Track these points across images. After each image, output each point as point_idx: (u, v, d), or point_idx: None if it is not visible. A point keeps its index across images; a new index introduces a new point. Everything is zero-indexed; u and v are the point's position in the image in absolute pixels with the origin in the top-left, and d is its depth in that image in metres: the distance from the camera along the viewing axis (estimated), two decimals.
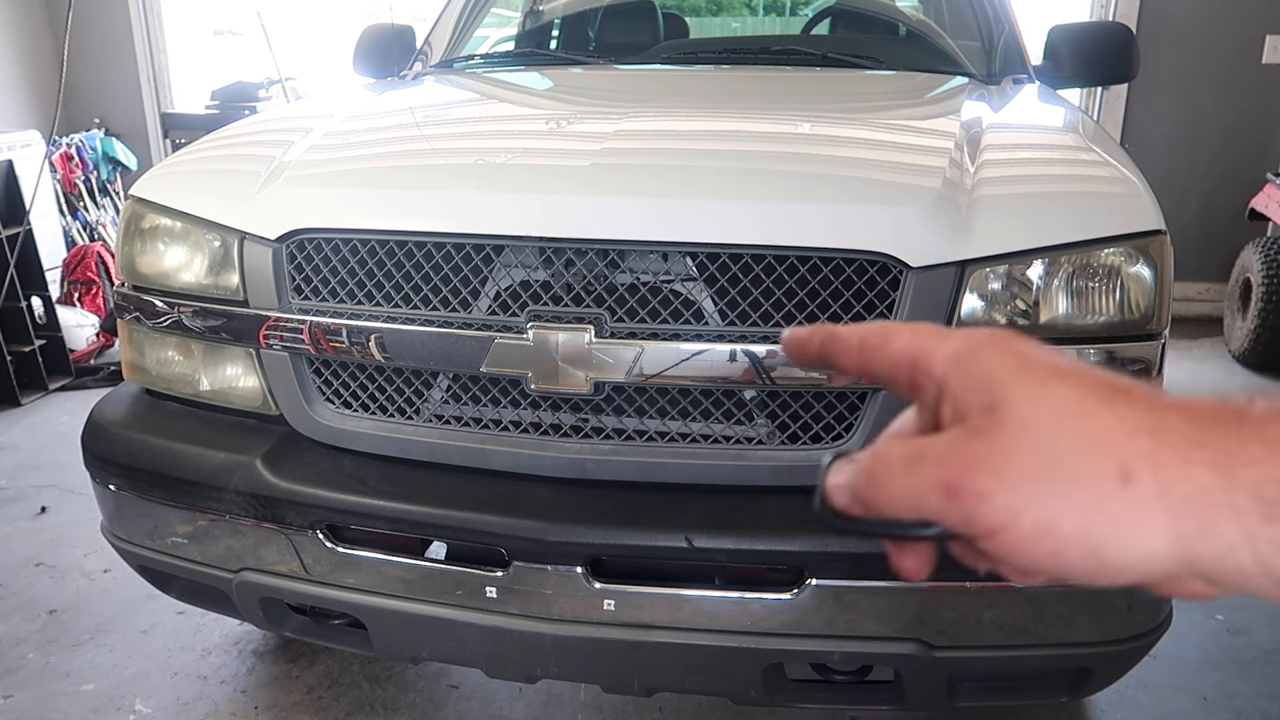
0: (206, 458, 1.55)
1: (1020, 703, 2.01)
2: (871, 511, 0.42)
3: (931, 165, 1.53)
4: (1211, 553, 0.37)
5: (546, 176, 1.53)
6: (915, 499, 0.40)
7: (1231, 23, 4.96)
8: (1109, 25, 2.71)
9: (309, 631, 1.66)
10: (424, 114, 2.13)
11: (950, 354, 0.42)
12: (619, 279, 1.42)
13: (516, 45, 3.16)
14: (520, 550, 1.38)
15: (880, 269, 1.36)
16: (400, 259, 1.47)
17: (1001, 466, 0.39)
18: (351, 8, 6.88)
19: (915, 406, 0.46)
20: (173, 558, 1.62)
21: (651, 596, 1.38)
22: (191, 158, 1.82)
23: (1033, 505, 0.38)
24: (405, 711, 2.10)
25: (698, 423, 1.44)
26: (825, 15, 3.39)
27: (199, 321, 1.60)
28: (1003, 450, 0.39)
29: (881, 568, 1.32)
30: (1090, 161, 1.67)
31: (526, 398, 1.47)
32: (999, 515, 0.38)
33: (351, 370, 1.55)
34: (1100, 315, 1.39)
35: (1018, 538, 0.38)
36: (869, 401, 1.40)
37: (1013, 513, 0.38)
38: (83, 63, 5.46)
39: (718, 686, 1.50)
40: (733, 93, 2.25)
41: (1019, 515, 0.38)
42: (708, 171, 1.54)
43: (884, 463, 0.42)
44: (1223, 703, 2.11)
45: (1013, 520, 0.38)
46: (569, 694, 2.14)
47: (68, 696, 2.15)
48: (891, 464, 0.42)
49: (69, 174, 5.35)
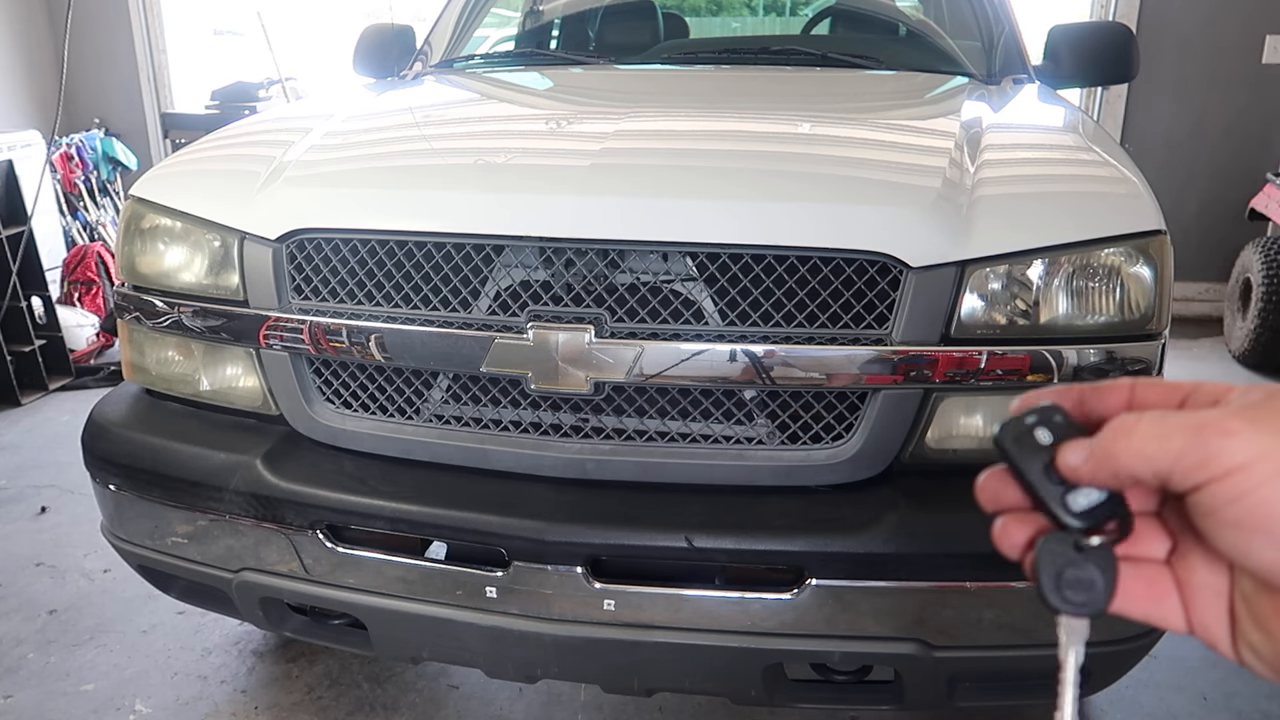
0: (206, 458, 1.55)
1: (1020, 703, 2.01)
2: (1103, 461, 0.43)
3: (931, 165, 1.53)
4: None
5: (546, 176, 1.53)
6: (1157, 439, 0.42)
7: (1231, 23, 4.96)
8: (1109, 25, 2.70)
9: (309, 631, 1.66)
10: (424, 114, 2.13)
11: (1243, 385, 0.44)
12: (619, 279, 1.42)
13: (516, 45, 3.16)
14: (520, 550, 1.38)
15: (880, 269, 1.36)
16: (400, 259, 1.47)
17: (1257, 418, 0.40)
18: (351, 8, 6.89)
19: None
20: (173, 558, 1.62)
21: (651, 596, 1.38)
22: (191, 158, 1.82)
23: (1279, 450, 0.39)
24: (405, 711, 2.10)
25: (698, 423, 1.44)
26: (825, 15, 3.39)
27: (199, 321, 1.60)
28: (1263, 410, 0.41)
29: (881, 568, 1.33)
30: (1090, 161, 1.67)
31: (526, 398, 1.47)
32: (1243, 452, 0.39)
33: (351, 370, 1.55)
34: (1100, 315, 1.39)
35: (1253, 480, 0.39)
36: (869, 402, 1.40)
37: (1260, 451, 0.39)
38: (83, 63, 5.47)
39: (717, 686, 1.50)
40: (733, 93, 2.25)
41: (1265, 455, 0.39)
42: (708, 172, 1.54)
43: (1132, 416, 0.43)
44: (1223, 703, 2.11)
45: (1256, 459, 0.39)
46: (569, 694, 2.14)
47: (68, 696, 2.15)
48: (1141, 416, 0.43)
49: (69, 174, 5.35)
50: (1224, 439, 0.40)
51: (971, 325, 1.38)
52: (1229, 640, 0.45)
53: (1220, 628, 0.45)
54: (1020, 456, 0.46)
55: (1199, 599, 0.46)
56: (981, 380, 1.37)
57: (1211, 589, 0.45)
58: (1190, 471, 0.41)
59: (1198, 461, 0.40)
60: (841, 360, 1.36)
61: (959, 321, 1.37)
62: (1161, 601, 0.46)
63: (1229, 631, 0.45)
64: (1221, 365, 4.50)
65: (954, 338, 1.37)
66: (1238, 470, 0.40)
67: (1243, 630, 0.45)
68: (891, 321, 1.36)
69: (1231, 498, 0.40)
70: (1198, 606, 0.46)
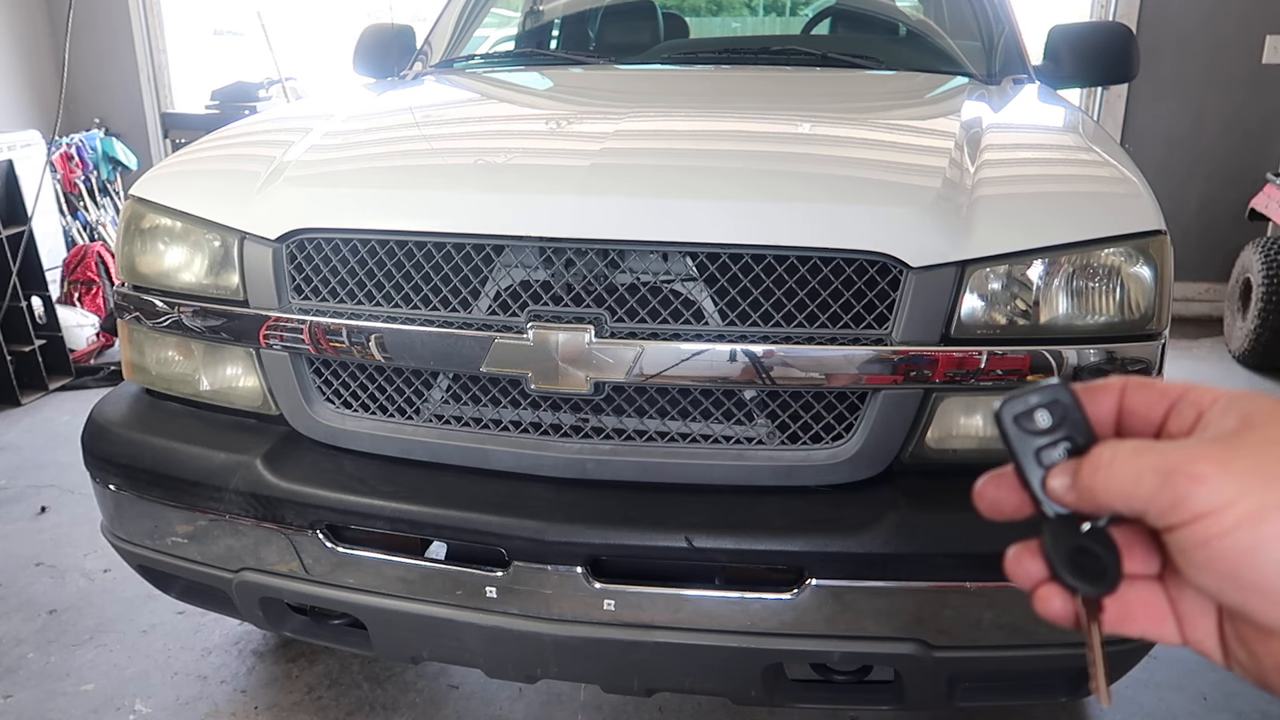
0: (206, 458, 1.55)
1: (1020, 703, 2.01)
2: (1084, 494, 0.44)
3: (931, 165, 1.53)
4: None
5: (546, 176, 1.53)
6: (1131, 480, 0.42)
7: (1231, 23, 4.96)
8: (1109, 25, 2.70)
9: (309, 631, 1.66)
10: (424, 114, 2.13)
11: (1228, 393, 0.45)
12: (619, 279, 1.42)
13: (516, 45, 3.16)
14: (520, 550, 1.38)
15: (880, 269, 1.36)
16: (400, 259, 1.47)
17: (1226, 460, 0.40)
18: (351, 8, 6.89)
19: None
20: (173, 558, 1.62)
21: (651, 596, 1.38)
22: (191, 158, 1.82)
23: (1247, 497, 0.39)
24: (405, 711, 2.10)
25: (698, 423, 1.44)
26: (825, 15, 3.39)
27: (199, 321, 1.60)
28: (1232, 450, 0.41)
29: (881, 568, 1.33)
30: (1090, 161, 1.67)
31: (526, 398, 1.47)
32: (1210, 500, 0.40)
33: (351, 370, 1.55)
34: (1100, 315, 1.39)
35: (1220, 526, 0.40)
36: (869, 402, 1.40)
37: (1225, 500, 0.40)
38: (83, 63, 5.47)
39: (717, 686, 1.50)
40: (733, 93, 2.25)
41: (1230, 504, 0.40)
42: (708, 172, 1.54)
43: (1109, 449, 0.44)
44: (1223, 703, 2.11)
45: (1222, 507, 0.40)
46: (569, 694, 2.14)
47: (68, 696, 2.15)
48: (1117, 451, 0.44)
49: (69, 174, 5.35)
50: (1191, 485, 0.40)
51: (971, 325, 1.38)
52: (1220, 653, 0.46)
53: (1211, 642, 0.46)
54: (1016, 436, 0.46)
55: (1189, 615, 0.46)
56: (981, 380, 1.37)
57: (1200, 606, 0.46)
58: (1162, 514, 0.41)
59: (1167, 505, 0.41)
60: (841, 360, 1.36)
61: (959, 321, 1.37)
62: (1157, 618, 0.47)
63: (1219, 645, 0.46)
64: (1221, 365, 4.50)
65: (954, 338, 1.37)
66: (1205, 516, 0.40)
67: (1230, 647, 0.45)
68: (891, 321, 1.36)
69: (1199, 543, 0.41)
70: (1189, 622, 0.47)
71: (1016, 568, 0.48)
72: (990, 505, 0.49)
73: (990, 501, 0.49)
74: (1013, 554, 0.48)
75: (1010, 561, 0.48)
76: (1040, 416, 0.46)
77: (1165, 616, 0.47)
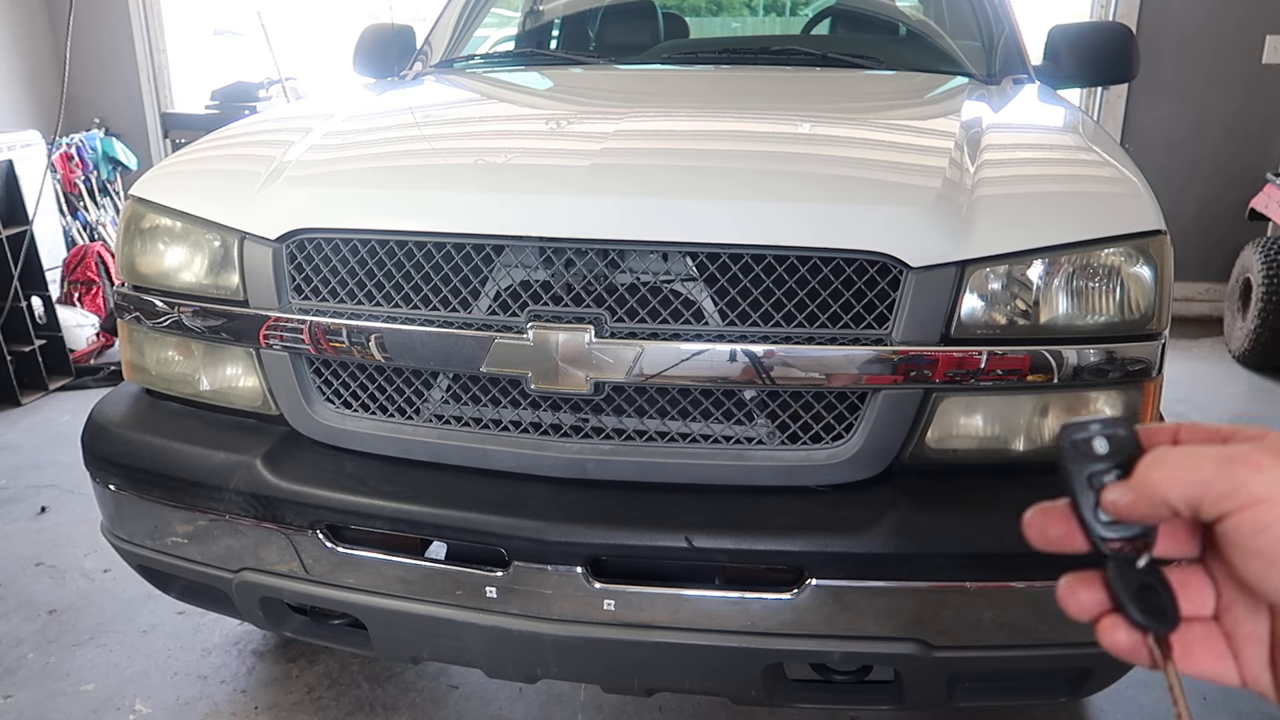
0: (206, 458, 1.55)
1: (1020, 703, 2.01)
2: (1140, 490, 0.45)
3: (931, 165, 1.53)
4: None
5: (546, 176, 1.53)
6: (1189, 467, 0.44)
7: (1231, 23, 4.96)
8: (1109, 25, 2.70)
9: (309, 631, 1.66)
10: (424, 114, 2.13)
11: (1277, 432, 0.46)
12: (619, 279, 1.42)
13: (516, 45, 3.16)
14: (520, 550, 1.38)
15: (880, 269, 1.36)
16: (400, 259, 1.47)
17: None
18: (351, 8, 6.89)
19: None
20: (173, 558, 1.62)
21: (651, 596, 1.38)
22: (191, 158, 1.82)
23: None
24: (405, 711, 2.10)
25: (698, 423, 1.44)
26: (825, 15, 3.39)
27: (199, 321, 1.60)
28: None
29: (881, 568, 1.33)
30: (1090, 161, 1.67)
31: (526, 398, 1.47)
32: (1267, 487, 0.42)
33: (351, 370, 1.55)
34: (1100, 315, 1.39)
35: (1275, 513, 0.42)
36: (869, 402, 1.40)
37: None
38: (83, 63, 5.47)
39: (717, 686, 1.50)
40: (733, 93, 2.25)
41: None
42: (708, 172, 1.54)
43: (1166, 448, 0.46)
44: (1223, 703, 2.11)
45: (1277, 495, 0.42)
46: (569, 694, 2.14)
47: (68, 696, 2.15)
48: (1175, 449, 0.47)
49: (69, 174, 5.35)
50: (1251, 472, 0.42)
51: (971, 325, 1.38)
52: (1273, 686, 0.48)
53: (1265, 675, 0.48)
54: (1072, 459, 0.48)
55: (1245, 650, 0.48)
56: (981, 380, 1.37)
57: (1255, 637, 0.47)
58: (1218, 500, 0.43)
59: (1225, 491, 0.42)
60: (841, 360, 1.36)
61: (959, 321, 1.37)
62: (1218, 656, 0.49)
63: (1271, 677, 0.47)
64: (1221, 365, 4.50)
65: (954, 338, 1.37)
66: (1262, 503, 0.42)
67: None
68: (891, 321, 1.36)
69: (1255, 529, 0.42)
70: (1244, 657, 0.48)
71: (1069, 596, 0.49)
72: (1038, 534, 0.50)
73: (1038, 530, 0.50)
74: (1065, 583, 0.49)
75: (1063, 590, 0.49)
76: (1098, 444, 0.47)
77: (1225, 655, 0.48)
